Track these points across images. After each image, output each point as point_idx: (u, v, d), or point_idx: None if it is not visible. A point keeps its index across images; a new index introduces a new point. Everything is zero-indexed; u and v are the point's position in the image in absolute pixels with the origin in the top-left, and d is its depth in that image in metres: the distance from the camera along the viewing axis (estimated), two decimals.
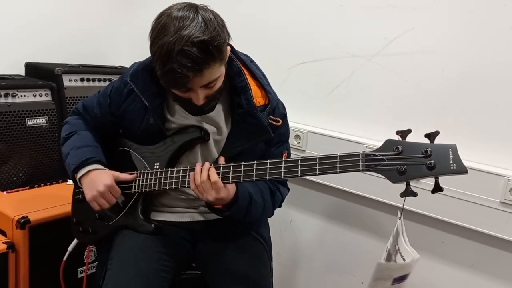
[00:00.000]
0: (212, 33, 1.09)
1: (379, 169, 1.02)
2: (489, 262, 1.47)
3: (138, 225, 1.32)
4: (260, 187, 1.32)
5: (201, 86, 1.15)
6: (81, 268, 1.77)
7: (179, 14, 1.10)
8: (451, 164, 0.96)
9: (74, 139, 1.40)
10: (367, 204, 1.72)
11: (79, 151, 1.34)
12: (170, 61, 1.08)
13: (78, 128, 1.43)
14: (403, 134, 1.02)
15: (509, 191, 1.35)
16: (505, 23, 1.37)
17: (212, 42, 1.09)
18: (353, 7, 1.69)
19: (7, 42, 2.13)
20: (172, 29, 1.08)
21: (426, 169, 0.98)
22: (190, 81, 1.11)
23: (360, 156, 1.04)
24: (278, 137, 1.35)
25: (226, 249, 1.36)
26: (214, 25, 1.11)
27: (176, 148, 1.31)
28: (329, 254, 1.88)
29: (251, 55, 1.41)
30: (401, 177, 1.00)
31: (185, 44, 1.06)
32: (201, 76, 1.11)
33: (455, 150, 0.97)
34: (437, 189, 0.99)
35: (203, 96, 1.18)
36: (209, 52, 1.09)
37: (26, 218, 1.60)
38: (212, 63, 1.12)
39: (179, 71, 1.08)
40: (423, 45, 1.53)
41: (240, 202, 1.23)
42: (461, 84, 1.47)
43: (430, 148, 0.98)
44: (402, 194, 1.02)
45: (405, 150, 1.01)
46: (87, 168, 1.31)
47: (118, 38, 2.55)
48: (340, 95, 1.76)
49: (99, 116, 1.43)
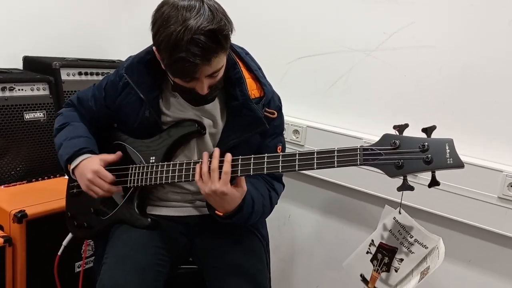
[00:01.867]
0: (220, 23, 1.09)
1: (376, 164, 1.03)
2: (487, 257, 1.46)
3: (134, 220, 1.31)
4: (261, 193, 1.30)
5: (207, 75, 1.14)
6: (79, 262, 1.77)
7: (184, 3, 1.09)
8: (447, 158, 0.97)
9: (67, 130, 1.39)
10: (366, 199, 1.71)
11: (71, 141, 1.34)
12: (178, 50, 1.07)
13: (72, 119, 1.43)
14: (400, 129, 1.03)
15: (507, 186, 1.35)
16: (505, 18, 1.36)
17: (221, 31, 1.09)
18: (352, 1, 1.68)
19: (5, 36, 2.12)
20: (180, 18, 1.07)
21: (423, 163, 0.98)
22: (198, 70, 1.11)
23: (358, 151, 1.04)
24: (272, 129, 1.34)
25: (222, 243, 1.35)
26: (220, 14, 1.11)
27: (172, 142, 1.30)
28: (327, 249, 1.88)
29: (250, 49, 1.40)
30: (398, 171, 1.00)
31: (195, 33, 1.06)
32: (209, 65, 1.11)
33: (451, 144, 0.98)
34: (433, 183, 1.00)
35: (207, 85, 1.17)
36: (218, 41, 1.09)
37: (23, 212, 1.60)
38: (220, 52, 1.12)
39: (189, 59, 1.07)
40: (423, 39, 1.52)
41: (244, 211, 1.21)
42: (460, 80, 1.46)
43: (427, 142, 0.99)
44: (399, 188, 1.02)
45: (402, 144, 1.01)
46: (80, 158, 1.31)
47: (117, 32, 2.54)
48: (339, 90, 1.76)
49: (94, 109, 1.42)
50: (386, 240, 1.25)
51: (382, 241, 1.26)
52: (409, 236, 1.21)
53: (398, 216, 1.23)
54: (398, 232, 1.23)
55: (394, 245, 1.23)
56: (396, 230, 1.23)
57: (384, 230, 1.24)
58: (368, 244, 1.28)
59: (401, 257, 1.22)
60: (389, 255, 1.23)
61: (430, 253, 1.19)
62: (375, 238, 1.28)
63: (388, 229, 1.24)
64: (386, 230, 1.24)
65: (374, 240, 1.28)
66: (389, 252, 1.23)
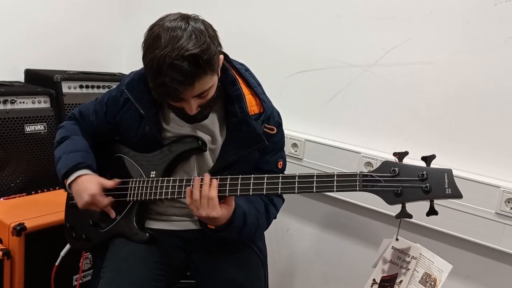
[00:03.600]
0: (202, 46, 1.10)
1: (375, 190, 1.04)
2: (485, 273, 1.46)
3: (132, 234, 1.31)
4: (256, 207, 1.31)
5: (194, 96, 1.15)
6: (77, 275, 1.77)
7: (170, 25, 1.11)
8: (446, 188, 0.99)
9: (67, 143, 1.40)
10: (365, 213, 1.71)
11: (70, 155, 1.35)
12: (161, 75, 1.09)
13: (72, 133, 1.44)
14: (400, 156, 1.04)
15: (504, 202, 1.35)
16: (502, 35, 1.37)
17: (202, 55, 1.09)
18: (350, 17, 1.70)
19: (7, 49, 2.14)
20: (163, 42, 1.08)
21: (422, 192, 1.00)
22: (181, 94, 1.12)
23: (357, 177, 1.05)
24: (273, 145, 1.34)
25: (219, 258, 1.35)
26: (204, 37, 1.11)
27: (173, 157, 1.31)
28: (326, 264, 1.87)
29: (250, 64, 1.42)
30: (397, 199, 1.02)
31: (175, 58, 1.07)
32: (192, 88, 1.12)
33: (450, 174, 1.00)
34: (432, 213, 1.01)
35: (196, 105, 1.18)
36: (199, 65, 1.09)
37: (22, 225, 1.60)
38: (203, 76, 1.12)
39: (170, 85, 1.09)
40: (420, 56, 1.54)
41: (235, 224, 1.22)
42: (458, 95, 1.47)
43: (426, 171, 1.00)
44: (397, 216, 1.04)
45: (401, 172, 1.02)
46: (76, 173, 1.31)
47: (118, 46, 2.57)
48: (337, 104, 1.77)
49: (94, 123, 1.44)
50: (387, 272, 1.22)
51: (383, 275, 1.23)
52: (407, 256, 1.20)
53: (395, 243, 1.22)
54: (397, 258, 1.21)
55: (394, 272, 1.21)
56: (395, 257, 1.21)
57: (384, 264, 1.22)
58: (370, 285, 1.25)
59: (400, 279, 1.20)
60: (390, 284, 1.21)
61: (418, 262, 1.18)
62: (376, 276, 1.25)
63: (388, 260, 1.22)
64: (386, 262, 1.22)
65: (376, 279, 1.25)
66: (390, 281, 1.22)
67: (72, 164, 1.32)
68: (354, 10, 1.68)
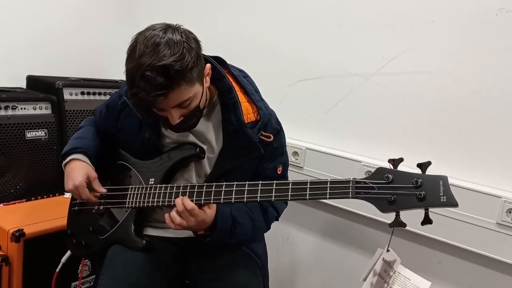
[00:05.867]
0: (175, 57, 1.08)
1: (368, 198, 1.01)
2: (486, 283, 1.45)
3: (129, 241, 1.31)
4: (249, 206, 1.31)
5: (173, 106, 1.15)
6: (75, 282, 1.76)
7: (147, 35, 1.11)
8: (441, 196, 0.95)
9: (79, 132, 1.49)
10: (365, 222, 1.71)
11: (75, 141, 1.41)
12: (132, 86, 1.10)
13: (87, 123, 1.52)
14: (395, 163, 1.01)
15: (505, 212, 1.35)
16: (503, 44, 1.37)
17: (173, 66, 1.07)
18: (351, 26, 1.70)
19: (9, 55, 2.15)
20: (137, 52, 1.09)
21: (416, 200, 0.96)
22: (154, 105, 1.13)
23: (350, 183, 1.03)
24: (271, 151, 1.34)
25: (217, 265, 1.34)
26: (178, 47, 1.09)
27: (172, 164, 1.31)
28: (326, 272, 1.86)
29: (251, 72, 1.42)
30: (390, 207, 0.99)
31: (146, 69, 1.07)
32: (167, 99, 1.11)
33: (446, 181, 0.96)
34: (426, 222, 0.97)
35: (178, 115, 1.17)
36: (170, 76, 1.08)
37: (21, 231, 1.60)
38: (176, 86, 1.10)
39: (141, 95, 1.09)
40: (421, 65, 1.54)
41: (219, 226, 1.22)
42: (459, 105, 1.47)
43: (420, 178, 0.97)
44: (391, 225, 1.00)
45: (395, 179, 0.99)
46: (70, 157, 1.36)
47: (120, 53, 2.55)
48: (338, 113, 1.77)
49: (99, 123, 1.48)
50: (374, 286, 1.17)
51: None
52: (391, 270, 1.16)
53: (385, 254, 1.18)
54: (384, 271, 1.17)
55: (379, 287, 1.17)
56: (383, 270, 1.17)
57: (373, 276, 1.16)
58: None
59: None
60: None
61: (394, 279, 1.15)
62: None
63: (377, 273, 1.17)
64: (376, 275, 1.16)
65: None
66: None
67: (69, 148, 1.38)
68: (355, 19, 1.69)
